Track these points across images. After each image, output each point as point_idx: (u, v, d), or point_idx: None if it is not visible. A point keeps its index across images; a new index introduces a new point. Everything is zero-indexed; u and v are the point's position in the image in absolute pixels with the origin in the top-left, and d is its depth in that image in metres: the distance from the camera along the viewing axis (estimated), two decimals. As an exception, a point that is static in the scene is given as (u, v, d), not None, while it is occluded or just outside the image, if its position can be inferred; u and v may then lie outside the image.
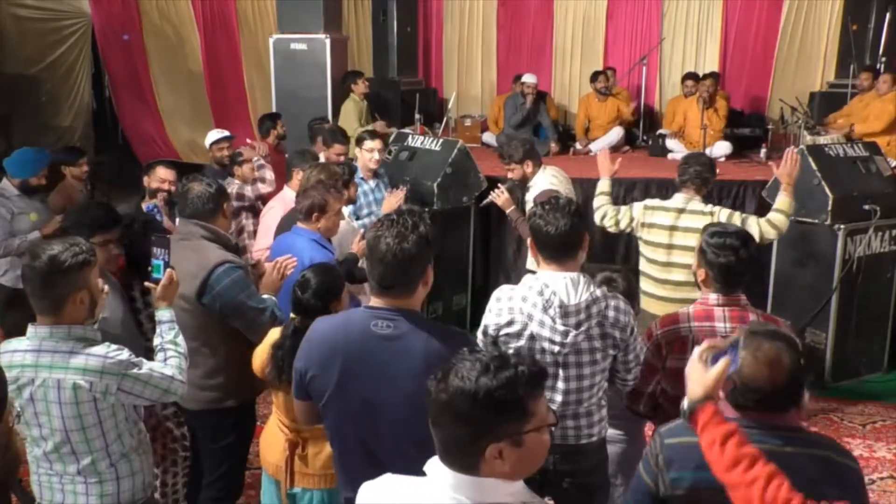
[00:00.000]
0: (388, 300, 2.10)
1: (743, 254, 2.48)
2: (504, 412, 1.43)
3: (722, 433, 1.74)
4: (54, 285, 2.28)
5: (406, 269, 2.05)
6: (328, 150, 5.37)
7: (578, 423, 2.52)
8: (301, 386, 2.21)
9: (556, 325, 2.38)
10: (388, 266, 2.04)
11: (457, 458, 1.47)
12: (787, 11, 9.25)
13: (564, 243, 2.43)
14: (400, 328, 2.07)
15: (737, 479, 1.68)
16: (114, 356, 2.32)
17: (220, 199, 3.09)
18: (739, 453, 1.70)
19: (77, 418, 2.30)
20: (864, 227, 5.08)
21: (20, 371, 2.30)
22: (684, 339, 2.54)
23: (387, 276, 2.06)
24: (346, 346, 2.11)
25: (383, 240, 2.04)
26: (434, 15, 10.58)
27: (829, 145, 5.61)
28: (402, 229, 2.04)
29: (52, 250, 2.27)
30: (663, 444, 1.90)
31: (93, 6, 10.28)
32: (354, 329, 2.12)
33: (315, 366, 2.15)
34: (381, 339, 2.06)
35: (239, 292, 2.92)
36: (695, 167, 4.05)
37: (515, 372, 1.45)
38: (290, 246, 3.46)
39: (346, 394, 2.11)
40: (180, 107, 10.76)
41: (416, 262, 2.06)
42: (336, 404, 2.14)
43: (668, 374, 2.59)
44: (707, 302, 2.57)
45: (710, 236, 2.55)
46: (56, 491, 2.42)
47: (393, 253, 2.02)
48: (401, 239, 2.03)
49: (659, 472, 1.88)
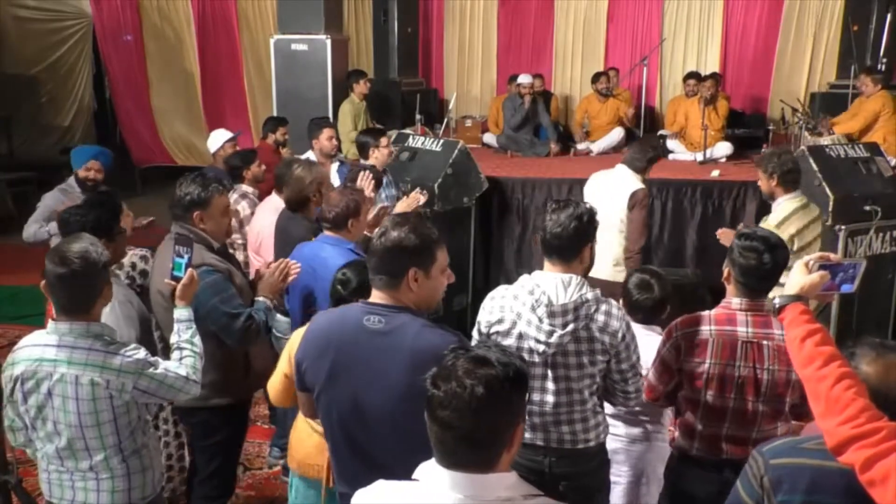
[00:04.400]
0: (383, 294, 2.13)
1: (766, 258, 2.43)
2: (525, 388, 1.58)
3: (805, 331, 1.81)
4: (90, 283, 2.32)
5: (392, 258, 2.11)
6: (318, 139, 5.38)
7: (574, 429, 2.51)
8: (300, 378, 2.25)
9: (543, 325, 2.39)
10: (377, 256, 2.12)
11: (479, 452, 1.49)
12: (788, 12, 9.25)
13: (559, 245, 2.44)
14: (391, 324, 2.09)
15: (810, 374, 1.74)
16: (131, 355, 2.35)
17: (190, 206, 2.99)
18: (817, 351, 1.75)
19: (93, 414, 2.33)
20: (864, 228, 5.08)
21: (39, 364, 2.32)
22: (704, 342, 2.51)
23: (375, 268, 2.13)
24: (338, 339, 2.14)
25: (381, 233, 2.11)
26: (435, 16, 10.60)
27: (830, 146, 5.60)
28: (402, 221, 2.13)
29: (83, 249, 2.30)
30: (768, 464, 1.82)
31: (94, 7, 10.29)
32: (348, 323, 2.14)
33: (309, 357, 2.19)
34: (371, 333, 2.09)
35: (212, 296, 2.89)
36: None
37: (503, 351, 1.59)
38: (315, 257, 3.25)
39: (336, 386, 2.14)
40: (176, 108, 10.78)
41: (401, 254, 2.11)
42: (326, 396, 2.17)
43: (684, 375, 2.57)
44: (730, 306, 2.53)
45: (738, 237, 2.54)
46: (66, 488, 2.44)
47: (383, 243, 2.10)
48: (393, 229, 2.10)
49: (765, 494, 1.82)
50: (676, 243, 6.12)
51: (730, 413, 2.49)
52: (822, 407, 1.66)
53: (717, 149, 7.36)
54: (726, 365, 2.47)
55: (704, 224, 6.06)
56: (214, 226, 3.06)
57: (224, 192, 3.14)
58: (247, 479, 4.00)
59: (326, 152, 5.38)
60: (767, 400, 2.46)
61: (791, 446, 1.83)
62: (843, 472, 1.66)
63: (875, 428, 1.56)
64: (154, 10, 10.43)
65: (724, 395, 2.48)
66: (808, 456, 1.78)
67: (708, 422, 2.52)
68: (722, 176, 6.35)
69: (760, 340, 2.46)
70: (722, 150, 7.39)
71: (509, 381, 1.50)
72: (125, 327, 2.77)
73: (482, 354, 1.54)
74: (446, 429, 1.49)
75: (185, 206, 2.99)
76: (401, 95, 8.79)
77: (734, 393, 2.47)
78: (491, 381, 1.48)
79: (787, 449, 1.83)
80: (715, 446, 2.53)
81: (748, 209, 5.99)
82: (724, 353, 2.47)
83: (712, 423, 2.52)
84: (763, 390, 2.46)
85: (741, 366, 2.46)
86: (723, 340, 2.47)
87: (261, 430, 4.42)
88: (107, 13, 10.37)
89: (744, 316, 2.49)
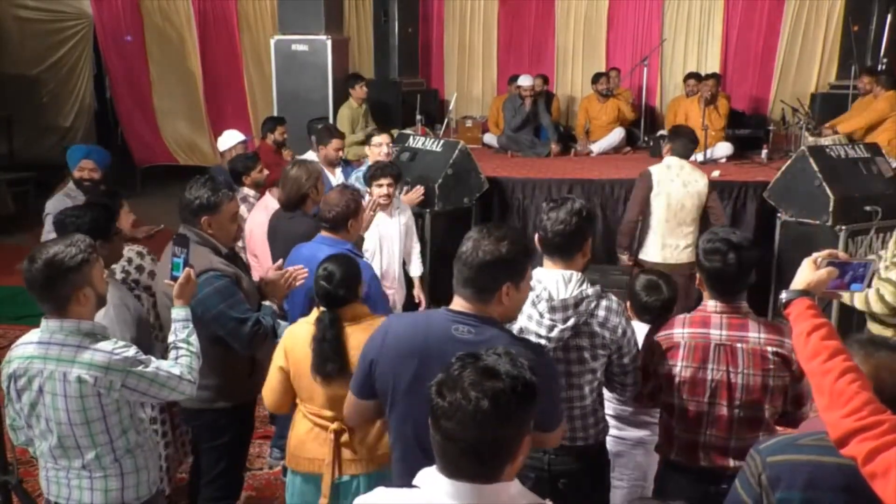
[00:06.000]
0: (470, 305, 2.08)
1: (731, 259, 2.39)
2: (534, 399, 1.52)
3: (811, 325, 1.80)
4: (54, 287, 2.29)
5: (493, 274, 2.04)
6: (325, 147, 5.37)
7: (573, 426, 2.51)
8: (366, 382, 2.18)
9: (543, 320, 2.39)
10: (473, 269, 2.04)
11: (482, 465, 1.46)
12: (788, 12, 9.25)
13: (560, 243, 2.44)
14: (483, 334, 2.03)
15: (815, 368, 1.73)
16: (120, 352, 2.34)
17: (199, 211, 2.99)
18: (822, 345, 1.75)
19: (81, 412, 2.32)
20: (865, 229, 5.08)
21: (30, 362, 2.33)
22: (676, 345, 2.49)
23: (469, 280, 2.06)
24: (424, 347, 2.07)
25: (475, 244, 2.04)
26: (435, 16, 10.59)
27: (831, 146, 5.61)
28: (499, 234, 2.05)
29: (50, 252, 2.29)
30: (765, 462, 1.82)
31: (94, 7, 10.29)
32: (435, 331, 2.08)
33: (388, 363, 2.12)
34: (462, 343, 2.00)
35: (220, 301, 2.88)
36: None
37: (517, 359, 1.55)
38: (313, 257, 3.18)
39: (416, 395, 2.01)
40: (177, 108, 10.78)
41: (502, 267, 2.04)
42: (403, 405, 2.11)
43: (661, 378, 2.57)
44: (705, 308, 2.51)
45: (702, 241, 2.51)
46: (62, 486, 2.44)
47: (481, 255, 2.02)
48: (496, 243, 2.03)
49: (763, 492, 1.82)
50: (677, 244, 6.09)
51: (705, 418, 2.46)
52: (826, 400, 1.66)
53: (718, 149, 7.36)
54: (698, 368, 2.44)
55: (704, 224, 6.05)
56: (222, 231, 3.06)
57: (233, 197, 3.15)
58: (248, 479, 4.00)
59: (331, 160, 5.39)
60: (743, 406, 2.42)
61: (788, 443, 1.83)
62: (841, 467, 1.67)
63: (877, 421, 1.56)
64: (155, 10, 10.43)
65: (696, 399, 2.45)
66: (805, 452, 1.78)
67: (685, 426, 2.50)
68: (722, 176, 6.35)
69: (734, 343, 2.42)
70: (722, 150, 7.39)
71: (517, 395, 1.46)
72: (120, 331, 2.74)
73: (491, 365, 1.49)
74: (449, 440, 1.46)
75: (193, 210, 2.99)
76: (401, 96, 8.80)
77: (707, 397, 2.44)
78: (497, 394, 1.44)
79: (783, 446, 1.84)
80: (693, 453, 2.50)
81: (748, 210, 5.99)
82: (696, 356, 2.44)
83: (690, 429, 2.49)
84: (738, 395, 2.42)
85: (713, 369, 2.42)
86: (695, 343, 2.45)
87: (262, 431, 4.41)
88: (107, 13, 10.37)
89: (719, 318, 2.46)
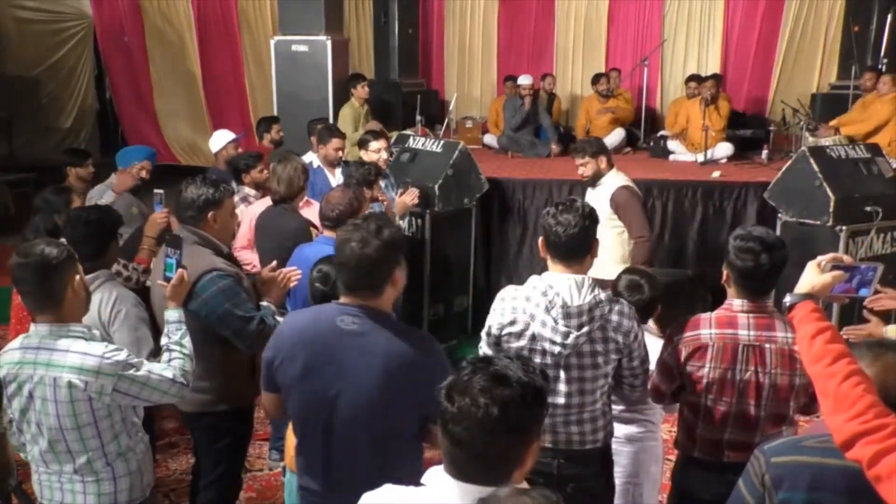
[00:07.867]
0: (357, 299, 2.17)
1: (764, 259, 2.39)
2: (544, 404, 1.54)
3: (815, 329, 1.79)
4: (50, 278, 2.29)
5: (370, 272, 2.13)
6: (325, 146, 5.36)
7: (582, 429, 2.51)
8: (269, 377, 2.25)
9: (558, 326, 2.39)
10: (352, 271, 2.14)
11: (490, 470, 1.46)
12: (788, 13, 9.24)
13: (574, 245, 2.43)
14: (365, 326, 2.12)
15: (819, 371, 1.73)
16: (111, 356, 2.31)
17: (206, 206, 2.98)
18: (826, 349, 1.74)
19: (72, 417, 2.30)
20: (865, 229, 5.07)
21: (20, 367, 2.31)
22: (704, 346, 2.46)
23: (351, 280, 2.15)
24: (312, 339, 2.16)
25: (348, 244, 2.12)
26: (435, 16, 10.59)
27: (831, 147, 5.60)
28: (365, 234, 2.12)
29: (40, 246, 2.31)
30: (769, 462, 1.82)
31: (94, 8, 10.29)
32: (322, 323, 2.17)
33: (282, 356, 2.20)
34: (345, 334, 2.11)
35: (225, 301, 2.87)
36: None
37: (531, 367, 1.55)
38: (316, 258, 3.09)
39: (307, 385, 2.16)
40: (179, 109, 10.78)
41: (379, 267, 2.14)
42: (298, 395, 2.19)
43: (686, 378, 2.55)
44: (731, 308, 2.49)
45: (734, 238, 2.49)
46: (55, 490, 2.43)
47: (357, 257, 2.11)
48: (363, 244, 2.11)
49: (766, 493, 1.82)
50: (677, 244, 6.10)
51: (731, 418, 2.45)
52: (831, 404, 1.66)
53: (718, 150, 7.34)
54: (727, 369, 2.43)
55: (705, 225, 6.06)
56: (226, 226, 3.08)
57: (231, 193, 3.16)
58: (248, 481, 4.00)
59: (331, 160, 5.38)
60: (770, 405, 2.42)
61: (792, 445, 1.83)
62: (844, 470, 1.67)
63: (882, 424, 1.56)
64: (155, 11, 10.44)
65: (725, 400, 2.45)
66: (808, 454, 1.77)
67: (709, 426, 2.50)
68: (723, 177, 6.35)
69: (763, 344, 2.41)
70: (723, 150, 7.37)
71: (526, 403, 1.46)
72: (144, 331, 2.80)
73: (502, 372, 1.49)
74: (456, 444, 1.46)
75: (199, 206, 2.97)
76: (401, 96, 8.78)
77: (735, 398, 2.43)
78: (507, 402, 1.44)
79: (787, 447, 1.83)
80: (717, 450, 2.50)
81: (749, 210, 5.98)
82: (725, 358, 2.42)
83: (714, 428, 2.49)
84: (765, 395, 2.41)
85: (742, 370, 2.42)
86: (724, 344, 2.43)
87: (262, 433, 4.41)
88: (107, 14, 10.38)
89: (746, 318, 2.45)
